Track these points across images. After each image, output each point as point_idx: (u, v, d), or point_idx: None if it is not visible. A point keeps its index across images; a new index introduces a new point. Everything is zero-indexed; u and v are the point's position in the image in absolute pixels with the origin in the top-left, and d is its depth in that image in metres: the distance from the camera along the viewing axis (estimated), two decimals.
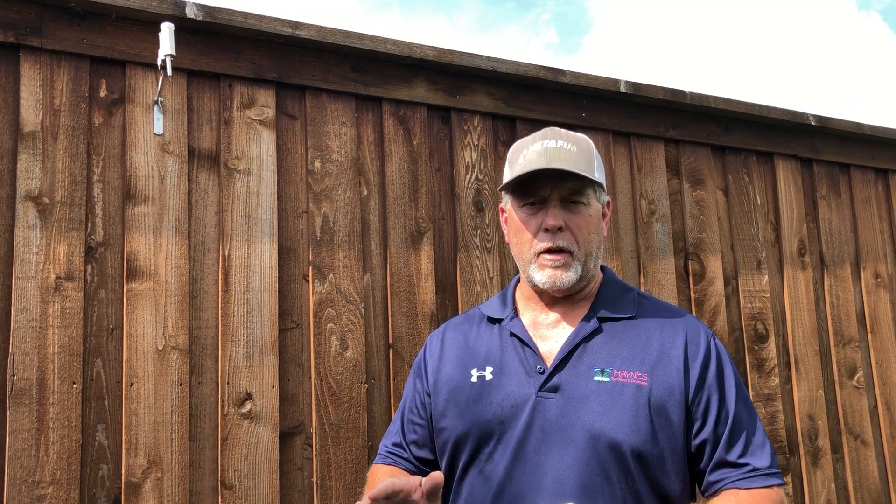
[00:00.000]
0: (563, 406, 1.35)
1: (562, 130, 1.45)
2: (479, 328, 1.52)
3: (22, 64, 1.90)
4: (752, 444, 1.37)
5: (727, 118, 2.95)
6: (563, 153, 1.39)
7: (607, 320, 1.43)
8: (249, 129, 2.14)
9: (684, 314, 1.47)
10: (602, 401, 1.34)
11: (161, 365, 1.93)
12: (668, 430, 1.34)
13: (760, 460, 1.36)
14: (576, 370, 1.37)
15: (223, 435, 1.98)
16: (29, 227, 1.85)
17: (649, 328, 1.42)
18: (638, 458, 1.32)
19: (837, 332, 3.05)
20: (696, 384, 1.37)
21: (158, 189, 2.00)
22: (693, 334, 1.41)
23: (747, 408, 1.40)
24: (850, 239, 3.20)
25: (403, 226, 2.31)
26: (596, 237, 1.43)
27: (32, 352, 1.81)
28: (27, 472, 1.76)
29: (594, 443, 1.32)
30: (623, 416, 1.33)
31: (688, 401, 1.36)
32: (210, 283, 2.03)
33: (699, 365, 1.38)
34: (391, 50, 2.30)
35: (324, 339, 2.14)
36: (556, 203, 1.40)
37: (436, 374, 1.51)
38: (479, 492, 1.37)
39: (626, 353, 1.38)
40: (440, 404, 1.47)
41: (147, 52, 2.01)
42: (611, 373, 1.36)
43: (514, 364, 1.42)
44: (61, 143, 1.91)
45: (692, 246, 2.80)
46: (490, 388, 1.41)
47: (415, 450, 1.54)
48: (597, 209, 1.44)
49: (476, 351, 1.48)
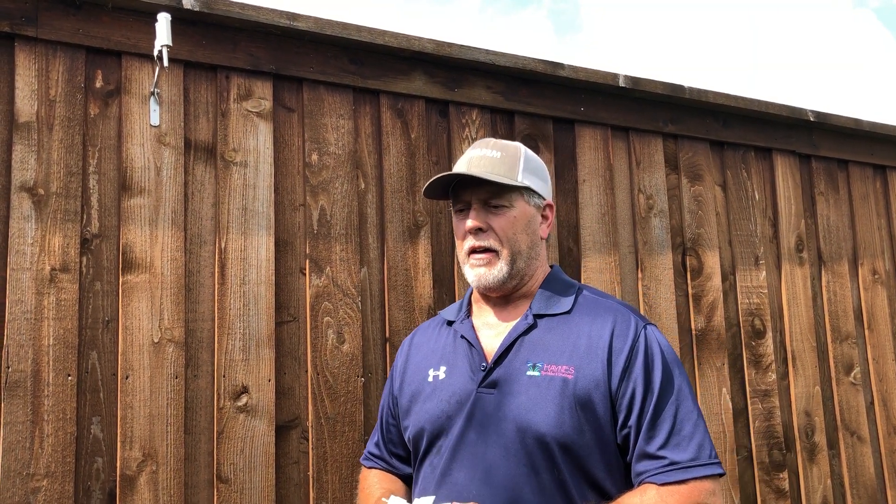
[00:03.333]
0: (499, 400, 1.42)
1: (493, 140, 1.55)
2: (439, 331, 1.63)
3: (17, 54, 1.88)
4: (674, 437, 1.36)
5: (726, 113, 2.95)
6: (484, 161, 1.49)
7: (543, 316, 1.49)
8: (246, 121, 2.13)
9: (619, 308, 1.49)
10: (531, 395, 1.40)
11: (157, 358, 1.92)
12: (594, 422, 1.38)
13: (681, 453, 1.35)
14: (512, 366, 1.44)
15: (219, 428, 1.97)
16: (24, 219, 1.83)
17: (581, 323, 1.47)
18: (563, 450, 1.37)
19: (834, 329, 3.05)
20: (620, 376, 1.39)
21: (154, 181, 1.99)
22: (621, 327, 1.44)
23: (679, 399, 1.39)
24: (847, 235, 3.20)
25: (401, 219, 2.30)
26: (525, 237, 1.50)
27: (27, 344, 1.80)
28: (21, 465, 1.76)
29: (522, 435, 1.38)
30: (549, 409, 1.38)
31: (612, 393, 1.39)
32: (206, 276, 2.02)
33: (624, 357, 1.41)
34: (389, 42, 2.29)
35: (320, 333, 2.13)
36: (477, 206, 1.49)
37: (402, 377, 1.64)
38: (427, 481, 1.48)
39: (556, 348, 1.44)
40: (404, 405, 1.59)
41: (143, 43, 2.00)
42: (541, 367, 1.42)
43: (462, 363, 1.51)
44: (57, 134, 1.90)
45: (690, 241, 2.79)
46: (442, 386, 1.51)
47: (392, 447, 1.67)
48: (524, 211, 1.51)
49: (434, 352, 1.58)
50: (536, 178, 1.55)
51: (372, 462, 1.70)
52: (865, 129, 3.21)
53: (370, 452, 1.72)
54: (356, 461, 2.12)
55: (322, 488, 2.07)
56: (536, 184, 1.54)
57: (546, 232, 1.56)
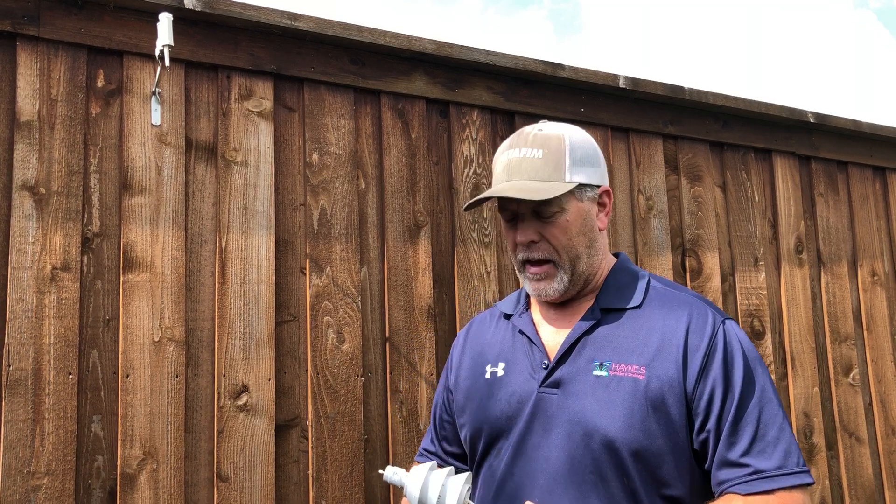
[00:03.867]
0: (562, 402, 1.32)
1: (531, 133, 1.38)
2: (496, 324, 1.51)
3: (19, 53, 1.89)
4: (759, 442, 1.24)
5: (726, 115, 2.95)
6: (524, 164, 1.34)
7: (610, 311, 1.37)
8: (247, 120, 2.13)
9: (694, 301, 1.36)
10: (598, 396, 1.29)
11: (157, 356, 1.93)
12: (667, 426, 1.26)
13: (766, 460, 1.23)
14: (577, 364, 1.33)
15: (219, 427, 1.97)
16: (25, 217, 1.84)
17: (653, 318, 1.34)
18: (634, 457, 1.26)
19: (833, 330, 3.06)
20: (697, 376, 1.27)
21: (155, 180, 1.99)
22: (697, 322, 1.32)
23: (762, 401, 1.27)
24: (847, 237, 3.20)
25: (401, 219, 2.31)
26: (581, 238, 1.37)
27: (28, 342, 1.80)
28: (22, 463, 1.76)
29: (588, 440, 1.28)
30: (617, 412, 1.27)
31: (687, 395, 1.27)
32: (207, 275, 2.03)
33: (701, 355, 1.28)
34: (390, 43, 2.29)
35: (320, 332, 2.14)
36: (527, 216, 1.37)
37: (457, 371, 1.53)
38: (487, 486, 1.38)
39: (625, 346, 1.32)
40: (460, 401, 1.48)
41: (145, 43, 2.00)
42: (609, 366, 1.31)
43: (522, 360, 1.40)
44: (58, 133, 1.90)
45: (689, 242, 2.80)
46: (500, 385, 1.40)
47: (446, 446, 1.56)
48: (578, 211, 1.36)
49: (491, 347, 1.47)
50: (587, 168, 1.38)
51: (425, 458, 1.60)
52: (865, 131, 3.21)
53: (424, 449, 1.61)
54: (356, 460, 2.12)
55: (322, 487, 2.08)
56: (588, 174, 1.37)
57: (605, 222, 1.42)
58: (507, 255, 2.45)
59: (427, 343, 2.28)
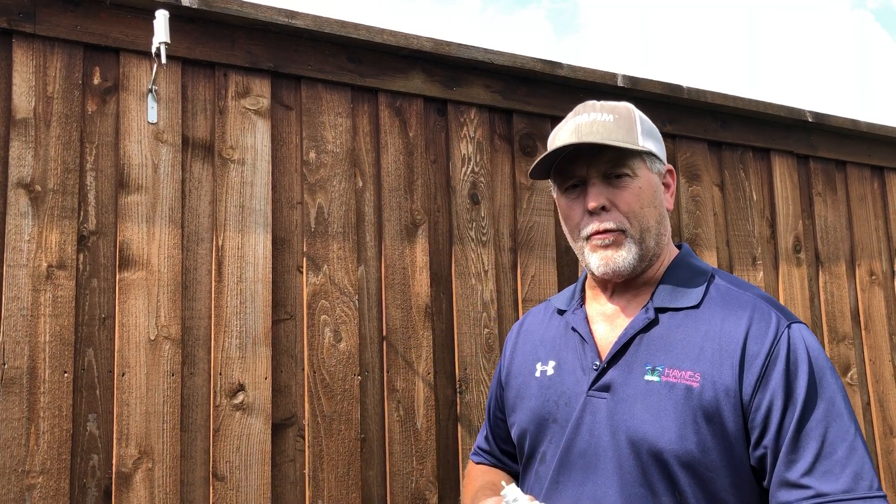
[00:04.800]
0: (611, 407, 1.23)
1: (598, 102, 1.32)
2: (550, 319, 1.43)
3: (14, 50, 1.88)
4: (823, 462, 1.11)
5: (724, 114, 2.95)
6: (595, 126, 1.26)
7: (666, 310, 1.27)
8: (244, 118, 2.13)
9: (758, 302, 1.24)
10: (649, 403, 1.19)
11: (153, 355, 1.92)
12: (722, 438, 1.16)
13: (831, 483, 1.09)
14: (628, 368, 1.24)
15: (215, 426, 1.97)
16: (21, 215, 1.83)
17: (711, 319, 1.23)
18: (686, 469, 1.16)
19: (832, 329, 3.06)
20: (755, 385, 1.16)
21: (152, 178, 1.99)
22: (759, 325, 1.20)
23: (830, 416, 1.13)
24: (845, 236, 3.20)
25: (398, 218, 2.30)
26: (652, 211, 1.28)
27: (23, 340, 1.79)
28: (17, 462, 1.75)
29: (636, 450, 1.19)
30: (668, 421, 1.17)
31: (744, 405, 1.16)
32: (203, 274, 2.02)
33: (760, 362, 1.17)
34: (388, 41, 2.29)
35: (317, 331, 2.13)
36: (597, 180, 1.27)
37: (508, 368, 1.46)
38: (534, 493, 1.31)
39: (679, 349, 1.22)
40: (510, 399, 1.42)
41: (141, 40, 1.99)
42: (661, 371, 1.21)
43: (572, 359, 1.32)
44: (54, 131, 1.89)
45: (687, 241, 2.79)
46: (550, 384, 1.33)
47: (501, 444, 1.51)
48: (649, 180, 1.28)
49: (544, 343, 1.40)
50: (654, 141, 1.32)
51: (480, 458, 1.55)
52: (863, 130, 3.21)
53: (479, 447, 1.56)
54: (352, 459, 2.12)
55: (318, 486, 2.07)
56: (656, 147, 1.31)
57: (671, 203, 1.34)
58: (504, 253, 2.44)
59: (424, 342, 2.27)
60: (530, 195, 2.52)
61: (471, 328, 2.35)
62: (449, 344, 2.32)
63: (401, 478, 2.17)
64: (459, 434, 2.29)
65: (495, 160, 2.49)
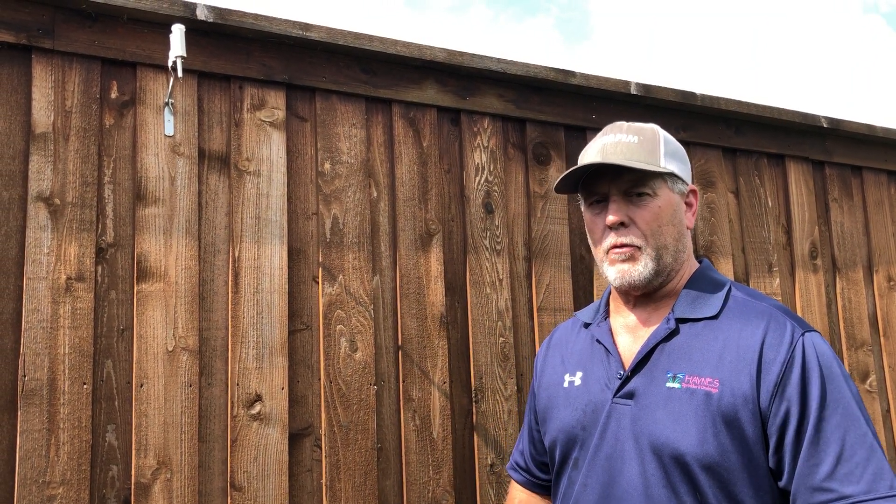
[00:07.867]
0: (635, 413, 1.30)
1: (625, 124, 1.40)
2: (577, 333, 1.51)
3: (34, 66, 1.90)
4: (844, 465, 1.16)
5: (738, 120, 2.94)
6: (620, 147, 1.34)
7: (686, 321, 1.33)
8: (259, 130, 2.14)
9: (773, 312, 1.30)
10: (670, 409, 1.26)
11: (171, 366, 1.93)
12: (741, 442, 1.21)
13: (852, 485, 1.14)
14: (651, 375, 1.31)
15: (232, 436, 1.98)
16: (40, 228, 1.85)
17: (729, 329, 1.29)
18: (706, 472, 1.21)
19: (850, 336, 3.03)
20: (772, 392, 1.21)
21: (169, 190, 2.00)
22: (775, 334, 1.25)
23: (847, 421, 1.18)
24: (862, 242, 3.18)
25: (413, 228, 2.31)
26: (671, 229, 1.35)
27: (43, 352, 1.81)
28: (38, 473, 1.77)
29: (658, 454, 1.25)
30: (688, 426, 1.23)
31: (761, 411, 1.21)
32: (220, 285, 2.04)
33: (777, 370, 1.22)
34: (401, 52, 2.30)
35: (333, 341, 2.14)
36: (618, 197, 1.35)
37: (539, 380, 1.55)
38: (565, 498, 1.38)
39: (699, 358, 1.28)
40: (542, 410, 1.50)
41: (158, 54, 2.02)
42: (682, 378, 1.27)
43: (598, 369, 1.39)
44: (72, 145, 1.92)
45: (703, 248, 2.78)
46: (577, 394, 1.40)
47: (536, 455, 1.58)
48: (669, 200, 1.36)
49: (572, 355, 1.48)
50: (678, 162, 1.39)
51: (517, 474, 1.62)
52: (879, 136, 3.19)
53: (515, 462, 1.63)
54: (369, 469, 2.12)
55: (335, 496, 2.07)
56: (679, 168, 1.38)
57: (692, 221, 1.42)
58: (518, 262, 2.45)
59: (440, 351, 2.27)
60: (544, 204, 2.52)
61: (486, 337, 2.35)
62: (464, 353, 2.32)
63: (417, 487, 2.17)
64: (476, 443, 2.29)
65: (509, 169, 2.49)
